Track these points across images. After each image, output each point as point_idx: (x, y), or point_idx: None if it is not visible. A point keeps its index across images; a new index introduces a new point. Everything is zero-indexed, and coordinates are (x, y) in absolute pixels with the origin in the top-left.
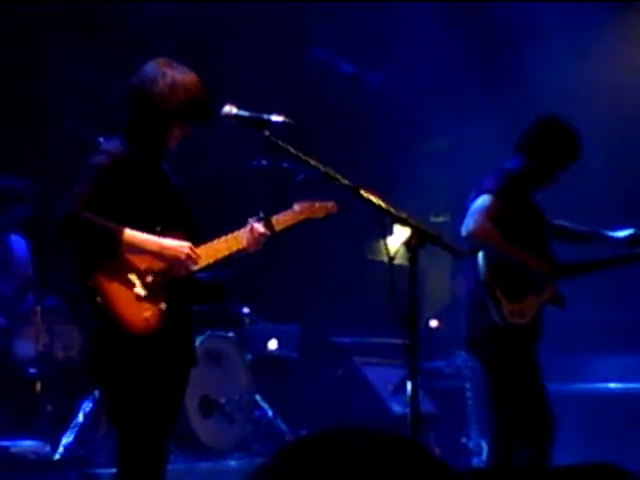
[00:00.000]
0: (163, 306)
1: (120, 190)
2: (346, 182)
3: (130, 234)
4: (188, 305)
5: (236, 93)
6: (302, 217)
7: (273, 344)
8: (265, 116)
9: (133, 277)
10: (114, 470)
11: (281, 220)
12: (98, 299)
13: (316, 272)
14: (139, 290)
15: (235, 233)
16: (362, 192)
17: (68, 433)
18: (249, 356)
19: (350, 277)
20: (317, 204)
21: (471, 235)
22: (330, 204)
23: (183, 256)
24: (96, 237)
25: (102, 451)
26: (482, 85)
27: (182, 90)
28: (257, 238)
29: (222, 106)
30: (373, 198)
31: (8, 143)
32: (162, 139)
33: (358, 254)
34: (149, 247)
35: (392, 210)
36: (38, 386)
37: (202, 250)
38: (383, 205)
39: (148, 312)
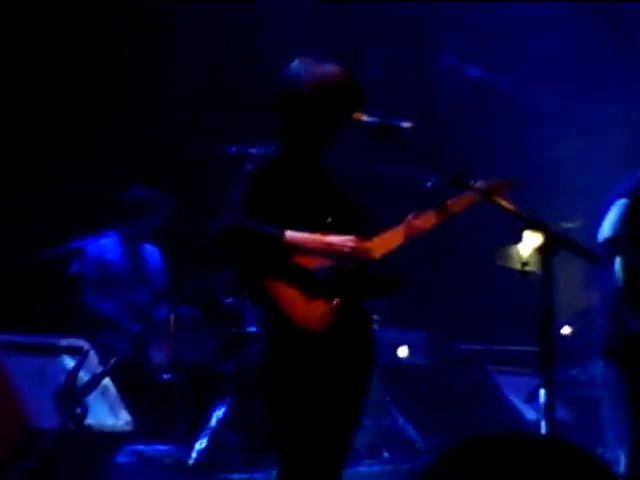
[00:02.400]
0: (336, 302)
1: (277, 193)
2: (477, 187)
3: (292, 235)
4: (362, 300)
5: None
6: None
7: (403, 351)
8: (394, 122)
9: (300, 277)
10: (248, 475)
11: (456, 203)
12: (268, 305)
13: (446, 278)
14: (308, 289)
15: (403, 224)
16: (493, 197)
17: (201, 438)
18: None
19: (480, 283)
20: (501, 181)
21: (607, 241)
22: (514, 180)
23: (348, 250)
24: (258, 244)
25: (235, 456)
26: (614, 86)
27: (330, 82)
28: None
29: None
30: (504, 203)
31: (140, 154)
32: (318, 136)
33: (488, 260)
34: (312, 245)
35: (524, 215)
36: (172, 392)
37: (372, 242)
38: (515, 210)
39: (321, 310)
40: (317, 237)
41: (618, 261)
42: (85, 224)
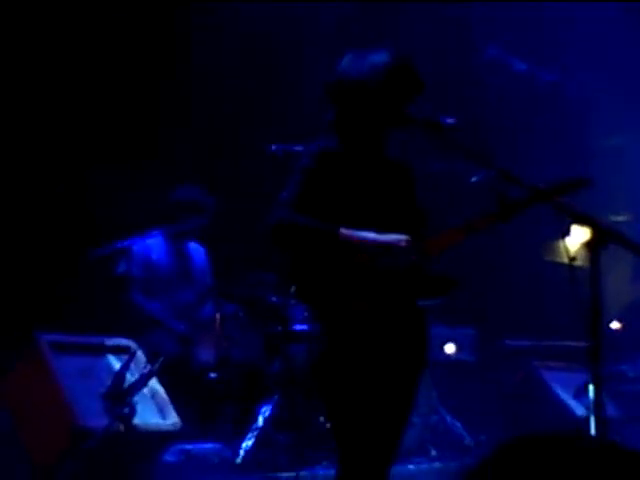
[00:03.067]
0: (385, 300)
1: (332, 188)
2: (524, 183)
3: (346, 232)
4: (415, 299)
5: None
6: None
7: (450, 348)
8: (439, 118)
9: (351, 274)
10: (294, 474)
11: (517, 205)
12: (320, 301)
13: (493, 274)
14: (362, 287)
15: (462, 224)
16: (549, 197)
17: (248, 437)
18: None
19: (527, 279)
20: (567, 181)
21: None
22: (583, 180)
23: (401, 250)
24: (313, 240)
25: (283, 455)
26: None
27: (382, 70)
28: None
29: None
30: (556, 200)
31: (188, 152)
32: (376, 127)
33: (535, 255)
34: (365, 243)
35: (572, 209)
36: (218, 391)
37: (428, 242)
38: (563, 204)
39: (370, 306)
40: (371, 235)
41: None
42: (132, 224)
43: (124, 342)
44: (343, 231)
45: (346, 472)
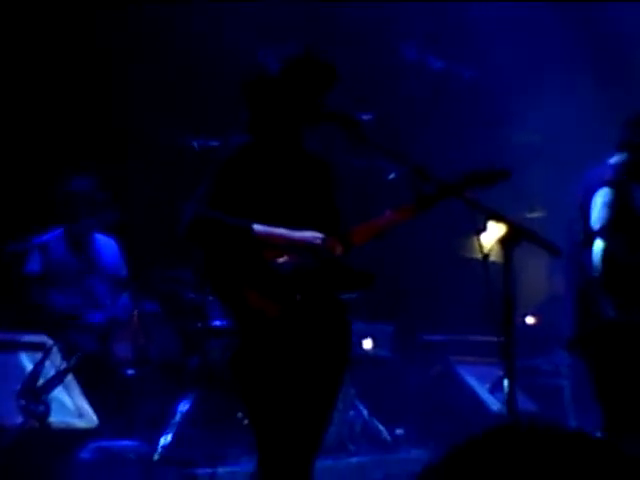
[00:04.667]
0: (298, 297)
1: (247, 183)
2: (439, 181)
3: (259, 228)
4: (333, 294)
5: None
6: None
7: (368, 343)
8: (355, 114)
9: (265, 271)
10: (212, 470)
11: (435, 196)
12: (232, 299)
13: (409, 270)
14: (271, 282)
15: (378, 217)
16: (455, 191)
17: (166, 433)
18: None
19: (443, 274)
20: (488, 172)
21: (600, 230)
22: (504, 171)
23: (314, 247)
24: (226, 236)
25: (200, 451)
26: (576, 76)
27: (292, 64)
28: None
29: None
30: (466, 197)
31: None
32: (290, 123)
33: (451, 251)
34: (279, 240)
35: (487, 208)
36: (136, 387)
37: (342, 237)
38: (477, 203)
39: (282, 305)
40: (285, 232)
41: (599, 249)
42: (37, 221)
43: (40, 338)
44: (257, 227)
45: (265, 469)
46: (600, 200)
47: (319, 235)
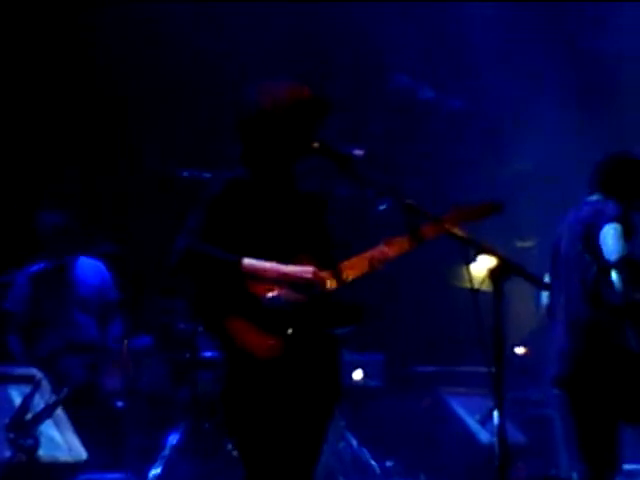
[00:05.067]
0: (289, 332)
1: (238, 218)
2: (430, 215)
3: (249, 263)
4: (323, 329)
5: None
6: (463, 220)
7: (358, 374)
8: (347, 151)
9: (253, 306)
10: None
11: (430, 229)
12: (220, 335)
13: (399, 299)
14: (261, 319)
15: (372, 250)
16: (446, 225)
17: (156, 465)
18: None
19: (433, 304)
20: (480, 205)
21: (619, 263)
22: (496, 204)
23: (306, 281)
24: (215, 270)
25: None
26: (564, 107)
27: (285, 99)
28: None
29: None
30: (457, 231)
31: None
32: (283, 158)
33: (441, 280)
34: (269, 275)
35: (477, 242)
36: (125, 419)
37: (333, 271)
38: (467, 237)
39: (273, 340)
40: (275, 266)
41: (619, 279)
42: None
43: (30, 371)
44: (246, 261)
45: None
46: (612, 233)
47: (310, 269)
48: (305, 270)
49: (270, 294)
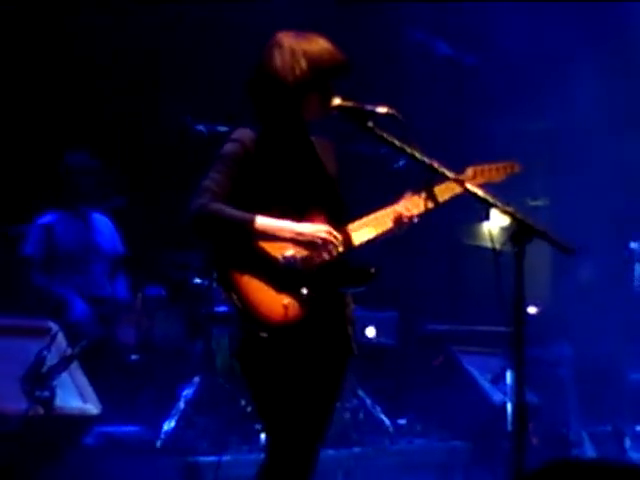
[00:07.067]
0: (304, 291)
1: (256, 176)
2: (450, 175)
3: (262, 222)
4: (336, 290)
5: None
6: (480, 181)
7: (371, 332)
8: (369, 107)
9: (267, 266)
10: (215, 458)
11: (444, 189)
12: (234, 294)
13: (413, 258)
14: (275, 279)
15: (386, 209)
16: (467, 186)
17: (169, 420)
18: None
19: (447, 262)
20: (496, 165)
21: None
22: (513, 164)
23: (320, 241)
24: (227, 229)
25: (203, 438)
26: (584, 64)
27: (304, 58)
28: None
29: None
30: (478, 191)
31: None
32: (295, 114)
33: (455, 239)
34: (283, 234)
35: (498, 203)
36: (140, 373)
37: (349, 230)
38: (489, 198)
39: (287, 299)
40: (289, 225)
41: None
42: (38, 201)
43: (45, 324)
44: (261, 220)
45: (274, 455)
46: None
47: (324, 227)
48: (319, 229)
49: (286, 254)
